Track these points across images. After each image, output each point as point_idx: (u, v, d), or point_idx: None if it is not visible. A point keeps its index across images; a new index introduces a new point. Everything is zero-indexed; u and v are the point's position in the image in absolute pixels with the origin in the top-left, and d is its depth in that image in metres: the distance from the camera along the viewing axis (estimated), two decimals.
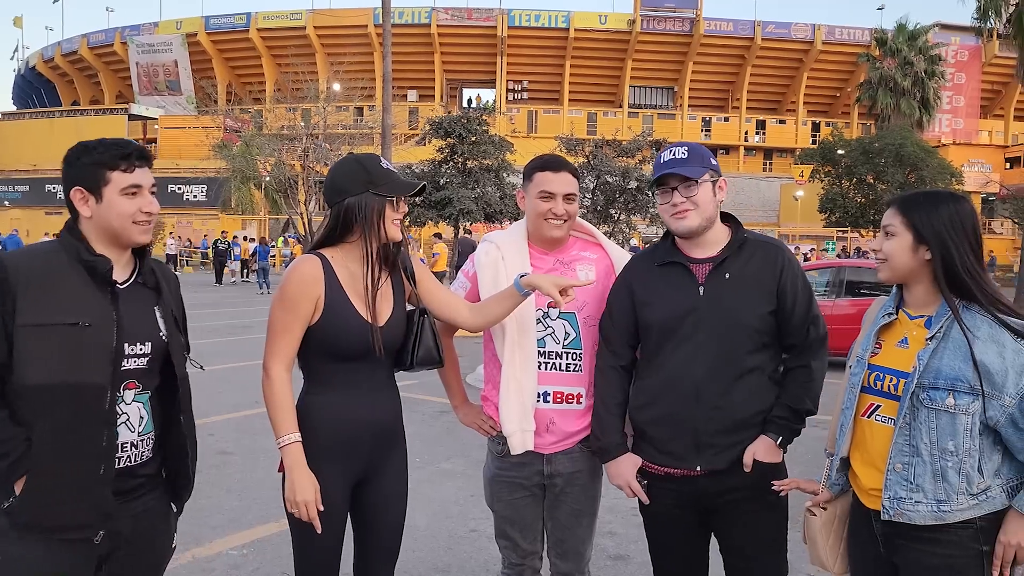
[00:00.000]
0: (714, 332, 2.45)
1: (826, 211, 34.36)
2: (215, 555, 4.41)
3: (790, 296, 2.47)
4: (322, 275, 2.38)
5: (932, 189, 2.51)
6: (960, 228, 2.07)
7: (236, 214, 39.97)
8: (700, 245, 2.53)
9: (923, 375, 2.03)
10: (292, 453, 2.32)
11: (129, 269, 2.15)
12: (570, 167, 2.74)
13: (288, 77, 38.47)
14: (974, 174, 44.52)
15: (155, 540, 2.21)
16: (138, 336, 2.07)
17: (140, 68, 57.05)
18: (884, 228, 2.18)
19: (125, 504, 2.08)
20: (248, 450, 6.57)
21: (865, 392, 2.18)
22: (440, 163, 19.81)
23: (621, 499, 2.76)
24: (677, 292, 2.50)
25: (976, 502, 2.01)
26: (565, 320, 2.71)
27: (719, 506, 2.52)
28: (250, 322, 16.44)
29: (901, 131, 33.27)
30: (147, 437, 2.12)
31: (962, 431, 1.99)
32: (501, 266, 2.72)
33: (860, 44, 52.16)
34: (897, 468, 2.06)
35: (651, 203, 18.36)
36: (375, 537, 2.58)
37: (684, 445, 2.47)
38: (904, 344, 2.13)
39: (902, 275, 2.14)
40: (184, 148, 41.14)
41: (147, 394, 2.12)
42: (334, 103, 32.04)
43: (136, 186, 2.05)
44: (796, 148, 52.52)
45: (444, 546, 4.64)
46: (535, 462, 2.74)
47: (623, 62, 55.90)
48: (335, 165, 2.52)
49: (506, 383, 2.68)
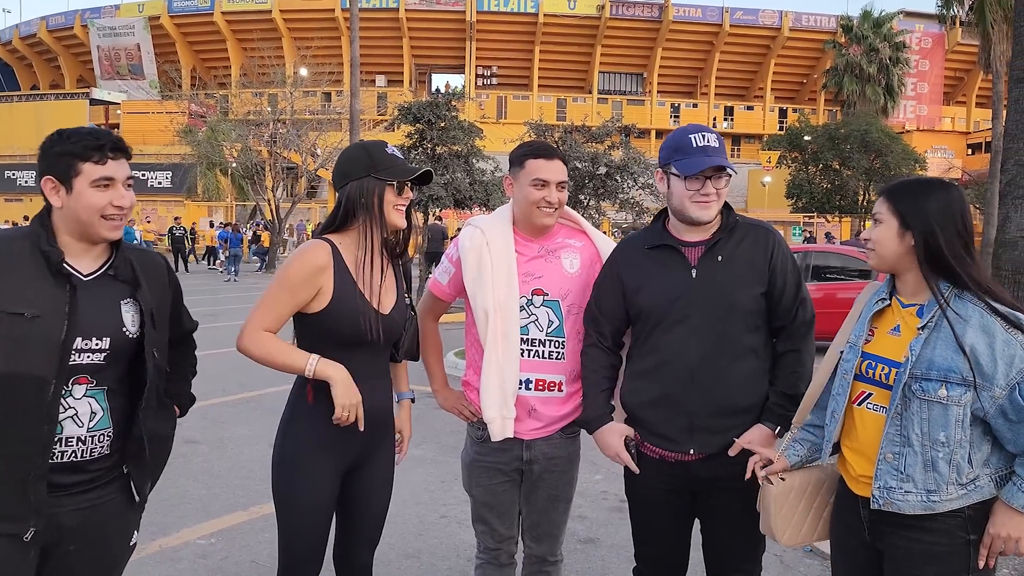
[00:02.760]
0: (708, 314, 2.46)
1: (793, 197, 34.69)
2: (182, 545, 4.37)
3: (780, 277, 2.50)
4: (331, 262, 2.38)
5: (924, 177, 2.50)
6: (947, 214, 2.06)
7: (202, 201, 39.45)
8: (693, 229, 2.54)
9: (915, 366, 2.02)
10: (325, 367, 2.33)
11: (100, 261, 2.07)
12: (560, 154, 2.74)
13: (254, 62, 37.97)
14: (937, 160, 45.18)
15: (109, 536, 2.13)
16: (94, 331, 2.00)
17: (101, 52, 55.88)
18: (873, 216, 2.19)
19: (70, 497, 2.02)
20: (215, 439, 6.51)
21: (857, 380, 2.17)
22: (409, 149, 19.65)
23: (591, 484, 2.79)
24: (670, 275, 2.51)
25: (965, 492, 2.01)
26: (549, 308, 2.71)
27: (708, 492, 2.54)
28: (216, 310, 16.25)
29: (866, 117, 33.62)
30: (101, 433, 2.04)
31: (954, 422, 1.99)
32: (485, 251, 2.71)
33: (826, 31, 52.64)
34: (888, 458, 2.06)
35: (620, 189, 18.38)
36: (360, 524, 2.59)
37: (678, 428, 2.48)
38: (896, 332, 2.12)
39: (890, 262, 2.14)
40: (148, 134, 40.40)
41: (102, 390, 2.04)
42: (301, 88, 31.66)
43: (108, 179, 1.98)
44: (764, 134, 52.90)
45: (415, 532, 4.64)
46: (514, 448, 2.74)
47: (592, 48, 55.87)
48: (342, 152, 2.53)
49: (488, 369, 2.67)
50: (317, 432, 2.41)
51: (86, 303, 1.99)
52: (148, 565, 4.08)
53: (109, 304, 2.05)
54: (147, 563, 4.10)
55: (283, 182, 30.25)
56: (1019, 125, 5.12)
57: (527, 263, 2.72)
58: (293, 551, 2.45)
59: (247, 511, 4.85)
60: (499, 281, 2.67)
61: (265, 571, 4.00)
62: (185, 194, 39.23)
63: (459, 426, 7.49)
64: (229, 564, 4.14)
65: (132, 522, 2.21)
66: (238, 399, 8.08)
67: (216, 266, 29.87)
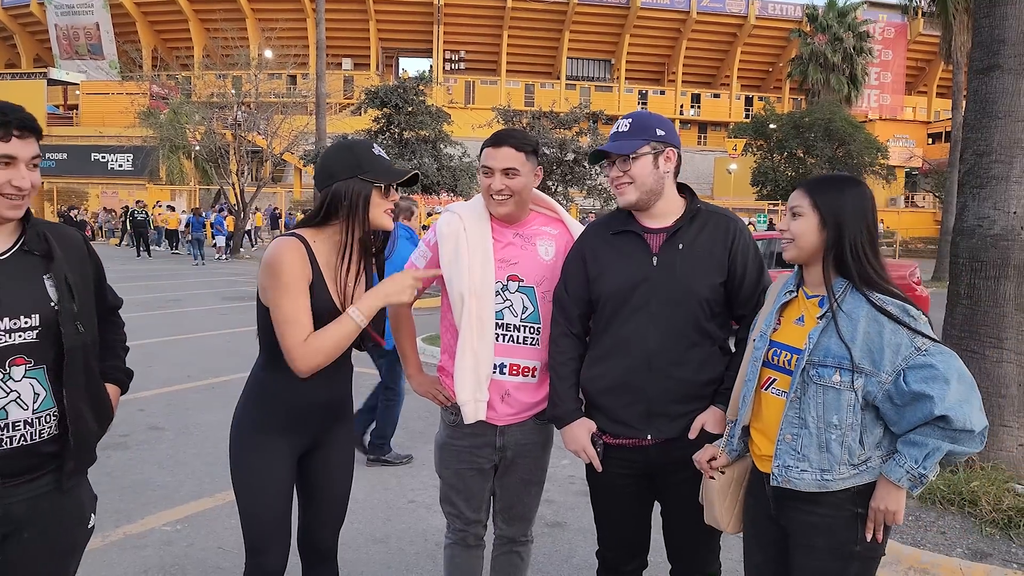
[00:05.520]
0: (666, 302, 2.48)
1: (758, 184, 35.05)
2: (147, 531, 4.34)
3: (740, 266, 2.53)
4: (307, 258, 2.36)
5: (836, 173, 2.63)
6: (860, 213, 2.18)
7: (165, 184, 38.79)
8: (653, 216, 2.56)
9: (813, 352, 2.15)
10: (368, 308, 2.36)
11: (13, 238, 2.00)
12: (514, 141, 2.69)
13: (217, 43, 37.26)
14: (899, 149, 45.95)
15: (63, 521, 2.08)
16: (21, 308, 1.94)
17: (59, 31, 54.49)
18: (791, 209, 2.27)
19: (22, 486, 1.98)
20: (180, 425, 6.44)
21: (765, 366, 2.29)
22: (376, 133, 19.51)
23: (558, 468, 2.82)
24: (630, 262, 2.53)
25: (857, 472, 2.14)
26: (523, 294, 2.73)
27: (666, 474, 2.58)
28: (182, 296, 16.05)
29: (830, 106, 34.03)
30: (47, 413, 1.99)
31: (846, 406, 2.12)
32: (463, 237, 2.71)
33: (792, 20, 53.12)
34: (787, 439, 2.19)
35: (588, 175, 18.43)
36: (321, 506, 2.60)
37: (636, 413, 2.52)
38: (800, 322, 2.24)
39: (808, 255, 2.24)
40: (108, 115, 39.58)
41: (41, 368, 1.99)
42: (266, 71, 31.22)
43: (9, 157, 1.90)
44: (730, 122, 53.35)
45: (382, 517, 4.65)
46: (488, 433, 2.76)
47: (560, 33, 55.79)
48: (327, 150, 2.50)
49: (462, 353, 2.68)
50: (271, 414, 2.43)
51: (6, 282, 1.93)
52: (112, 552, 4.05)
53: (31, 280, 1.99)
54: (111, 550, 4.07)
55: (247, 165, 29.83)
56: (978, 115, 5.22)
57: (503, 249, 2.74)
58: (254, 533, 2.46)
59: (213, 497, 4.83)
60: (475, 265, 2.67)
61: (231, 557, 3.98)
62: (147, 177, 38.55)
63: (426, 412, 7.51)
64: (195, 551, 4.11)
65: (87, 505, 2.17)
66: (204, 385, 8.00)
67: (179, 251, 29.47)
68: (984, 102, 5.18)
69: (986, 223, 5.13)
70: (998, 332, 5.09)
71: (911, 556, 4.01)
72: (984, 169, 5.14)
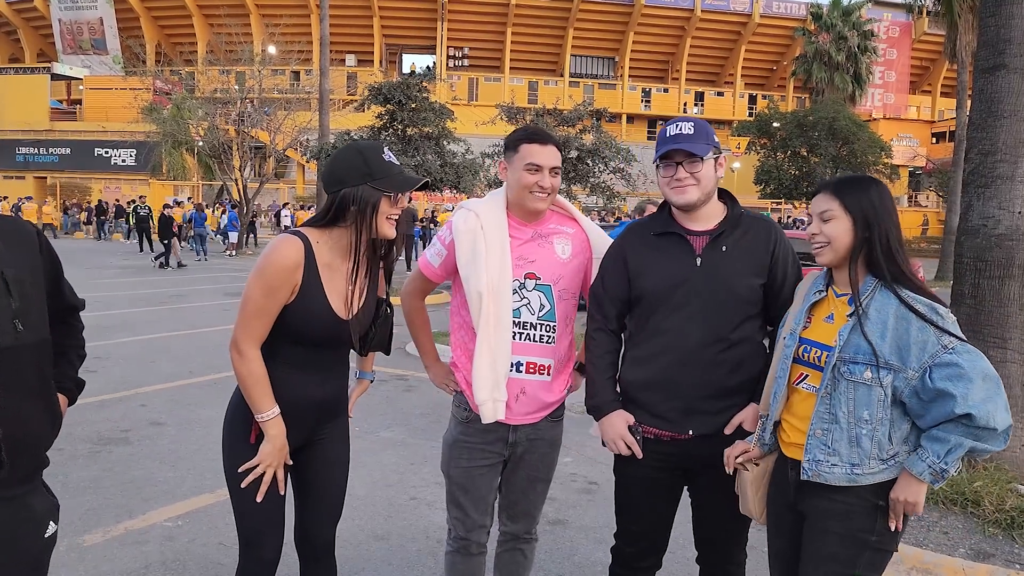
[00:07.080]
0: (708, 302, 2.52)
1: (761, 183, 34.99)
2: (149, 527, 4.34)
3: (780, 270, 2.58)
4: (303, 260, 2.35)
5: (853, 174, 2.69)
6: (887, 210, 2.24)
7: (168, 179, 38.81)
8: (697, 218, 2.60)
9: (843, 349, 2.20)
10: (276, 425, 2.39)
11: None
12: (555, 140, 2.75)
13: (221, 38, 37.31)
14: (902, 148, 45.87)
15: (16, 531, 1.93)
16: None
17: (63, 25, 54.43)
18: (821, 214, 2.29)
19: None
20: (182, 420, 6.44)
21: (796, 363, 2.34)
22: (379, 130, 19.47)
23: (560, 466, 2.81)
24: (673, 262, 2.58)
25: (885, 466, 2.19)
26: (541, 292, 2.73)
27: (703, 468, 2.61)
28: (185, 291, 16.05)
29: (834, 105, 33.95)
30: None
31: (876, 402, 2.17)
32: (480, 235, 2.70)
33: (796, 18, 53.00)
34: (817, 434, 2.24)
35: (591, 173, 18.41)
36: (316, 502, 2.60)
37: (675, 409, 2.56)
38: (830, 320, 2.29)
39: (844, 257, 2.27)
40: (111, 110, 39.61)
41: None
42: (269, 66, 31.20)
43: None
44: (733, 120, 53.21)
45: (384, 514, 4.65)
46: (500, 430, 2.76)
47: (564, 31, 55.66)
48: (336, 153, 2.48)
49: (480, 352, 2.67)
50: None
51: None
52: (114, 548, 4.05)
53: None
54: (113, 546, 4.07)
55: (251, 161, 29.83)
56: (983, 115, 5.20)
57: (520, 247, 2.74)
58: (247, 525, 2.47)
59: (214, 493, 4.83)
60: (492, 264, 2.67)
61: (233, 552, 3.98)
62: (149, 173, 38.57)
63: (429, 408, 7.52)
64: (196, 546, 4.11)
65: (43, 513, 2.03)
66: (206, 380, 8.01)
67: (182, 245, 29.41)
68: (990, 101, 5.16)
69: (991, 223, 5.11)
70: (1002, 332, 5.08)
71: (914, 556, 4.01)
72: (989, 168, 5.13)
